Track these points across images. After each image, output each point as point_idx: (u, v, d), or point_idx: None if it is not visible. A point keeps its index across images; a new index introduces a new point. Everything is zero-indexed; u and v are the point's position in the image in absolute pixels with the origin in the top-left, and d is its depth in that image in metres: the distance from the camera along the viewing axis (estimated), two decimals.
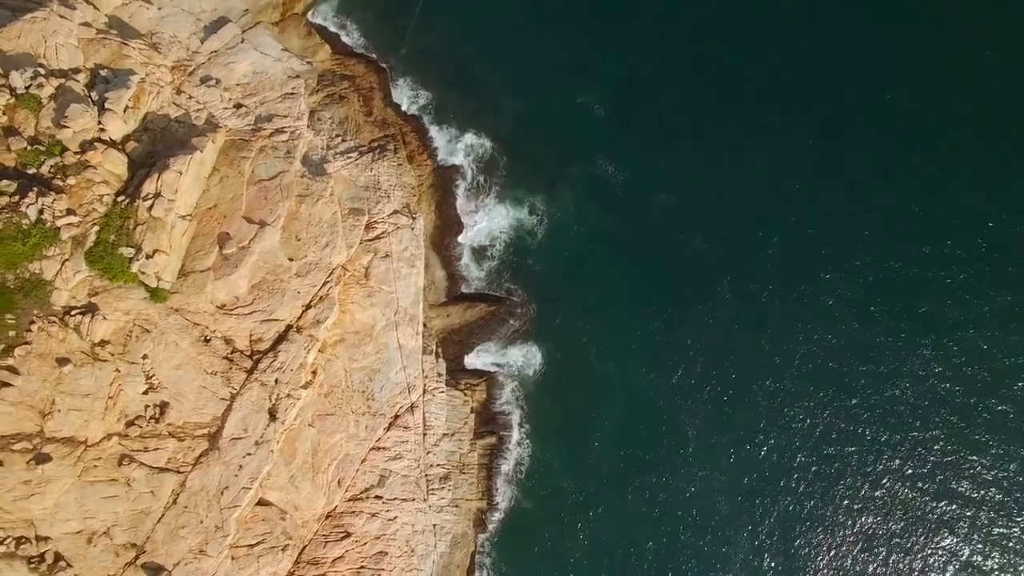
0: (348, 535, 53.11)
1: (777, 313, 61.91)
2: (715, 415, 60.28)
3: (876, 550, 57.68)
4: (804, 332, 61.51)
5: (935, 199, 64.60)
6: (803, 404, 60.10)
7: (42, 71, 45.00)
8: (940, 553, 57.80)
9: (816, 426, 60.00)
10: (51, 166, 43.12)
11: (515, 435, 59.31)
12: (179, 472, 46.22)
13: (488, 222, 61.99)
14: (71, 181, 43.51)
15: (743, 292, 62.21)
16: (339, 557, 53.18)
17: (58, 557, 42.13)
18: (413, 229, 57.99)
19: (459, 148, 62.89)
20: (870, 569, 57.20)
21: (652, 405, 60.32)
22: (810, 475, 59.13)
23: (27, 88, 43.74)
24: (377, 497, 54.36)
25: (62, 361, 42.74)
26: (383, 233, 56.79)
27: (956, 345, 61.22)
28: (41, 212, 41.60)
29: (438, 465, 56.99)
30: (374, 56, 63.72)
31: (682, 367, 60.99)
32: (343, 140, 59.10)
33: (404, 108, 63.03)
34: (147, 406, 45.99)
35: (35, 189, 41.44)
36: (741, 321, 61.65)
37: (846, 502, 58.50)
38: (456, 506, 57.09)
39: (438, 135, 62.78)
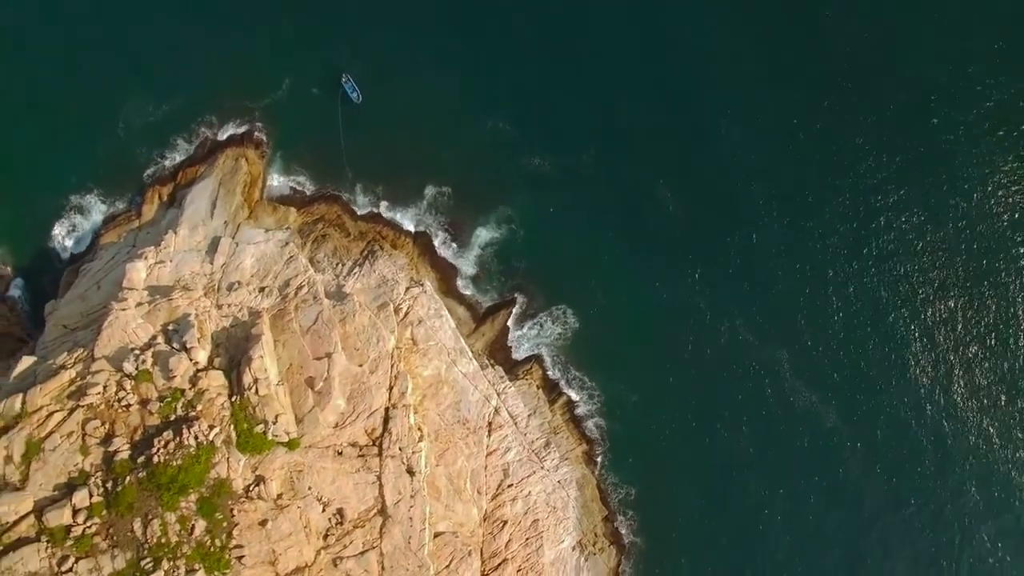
0: (505, 523, 64.18)
1: (706, 207, 73.86)
2: (716, 296, 72.44)
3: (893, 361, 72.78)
4: (732, 224, 74.54)
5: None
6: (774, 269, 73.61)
7: (136, 351, 54.32)
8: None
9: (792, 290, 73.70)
10: (181, 406, 53.02)
11: (577, 384, 69.99)
12: (374, 547, 56.21)
13: (472, 252, 71.93)
14: (199, 408, 53.09)
15: (682, 199, 73.72)
16: (508, 541, 64.02)
17: None
18: (426, 292, 67.96)
19: (423, 214, 72.17)
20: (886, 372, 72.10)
21: (663, 310, 72.11)
22: (814, 324, 72.97)
23: (137, 368, 53.41)
24: (510, 486, 65.04)
25: (263, 523, 51.89)
26: (408, 308, 66.51)
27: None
28: (196, 438, 51.25)
29: (537, 439, 67.99)
30: (327, 191, 71.66)
31: (670, 274, 73.02)
32: (343, 264, 68.43)
33: (369, 215, 71.44)
34: (329, 518, 55.97)
35: (183, 426, 52.18)
36: (688, 225, 73.49)
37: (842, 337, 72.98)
38: (566, 459, 68.01)
39: (403, 215, 71.90)
